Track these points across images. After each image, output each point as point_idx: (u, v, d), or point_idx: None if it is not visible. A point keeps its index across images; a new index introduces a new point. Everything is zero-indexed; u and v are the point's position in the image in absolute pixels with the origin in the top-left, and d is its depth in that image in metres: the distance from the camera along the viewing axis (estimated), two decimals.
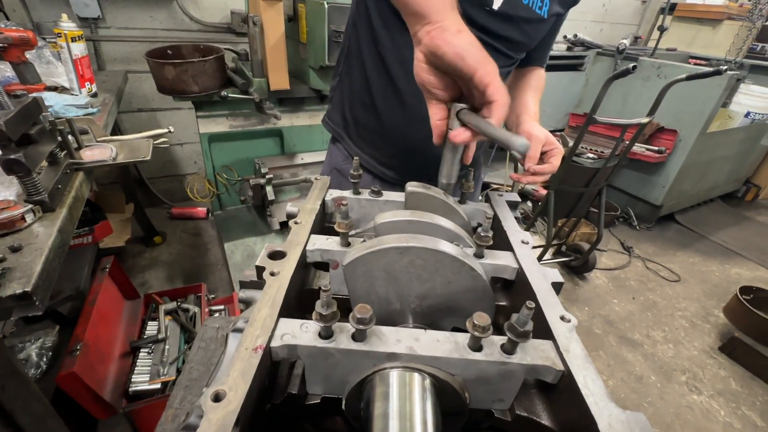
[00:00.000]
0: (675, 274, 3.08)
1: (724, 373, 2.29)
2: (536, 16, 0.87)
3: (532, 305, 0.39)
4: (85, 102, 1.64)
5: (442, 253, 0.52)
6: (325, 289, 0.39)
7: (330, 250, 0.58)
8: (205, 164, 2.45)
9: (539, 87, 1.07)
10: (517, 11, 0.83)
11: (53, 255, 0.84)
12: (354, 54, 0.98)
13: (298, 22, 2.20)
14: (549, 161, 0.86)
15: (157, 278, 2.58)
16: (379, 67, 0.93)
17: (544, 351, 0.43)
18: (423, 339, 0.43)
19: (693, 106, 3.09)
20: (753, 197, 4.36)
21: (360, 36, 0.95)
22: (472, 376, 0.43)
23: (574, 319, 0.47)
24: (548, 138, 0.87)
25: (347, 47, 1.00)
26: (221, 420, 0.32)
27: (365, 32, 0.93)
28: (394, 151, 1.03)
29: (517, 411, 0.45)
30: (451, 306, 0.57)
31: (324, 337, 0.42)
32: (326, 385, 0.45)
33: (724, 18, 4.09)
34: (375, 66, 0.94)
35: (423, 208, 0.67)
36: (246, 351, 0.39)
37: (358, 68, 0.98)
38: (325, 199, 0.72)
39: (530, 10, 0.85)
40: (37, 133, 0.95)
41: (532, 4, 0.85)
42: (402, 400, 0.38)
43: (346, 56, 1.01)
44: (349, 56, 1.00)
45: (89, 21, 2.44)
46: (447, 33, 0.58)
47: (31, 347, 1.50)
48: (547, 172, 0.85)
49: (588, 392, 0.38)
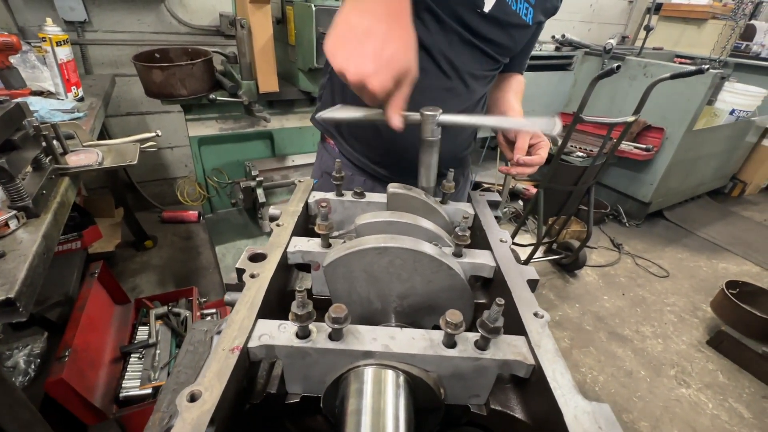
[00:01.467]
0: (664, 270, 3.13)
1: (711, 366, 2.33)
2: (522, 22, 0.90)
3: (502, 302, 0.40)
4: (71, 106, 1.63)
5: (421, 253, 0.53)
6: (300, 290, 0.40)
7: (311, 252, 0.59)
8: (195, 167, 2.45)
9: (520, 90, 1.12)
10: (506, 16, 0.86)
11: (37, 261, 0.84)
12: None
13: (286, 25, 2.20)
14: (537, 153, 0.88)
15: (149, 282, 2.57)
16: None
17: (516, 346, 0.44)
18: (399, 337, 0.44)
19: (679, 105, 3.14)
20: (739, 193, 4.43)
21: None
22: (447, 372, 0.44)
23: (547, 315, 0.48)
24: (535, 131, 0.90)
25: None
26: (195, 420, 0.33)
27: None
28: (387, 149, 1.04)
29: (493, 405, 0.46)
30: (432, 304, 0.58)
31: (301, 337, 0.43)
32: (305, 384, 0.46)
33: (709, 17, 4.16)
34: None
35: (404, 209, 0.68)
36: (223, 352, 0.40)
37: None
38: (308, 201, 0.72)
39: (518, 16, 0.88)
40: (20, 139, 0.95)
41: (519, 11, 0.88)
42: (375, 397, 0.39)
43: None
44: None
45: (75, 24, 2.42)
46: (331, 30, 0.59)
47: (19, 354, 1.48)
48: (536, 163, 0.87)
49: (556, 385, 0.39)
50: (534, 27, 0.95)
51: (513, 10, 0.87)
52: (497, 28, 0.88)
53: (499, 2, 0.84)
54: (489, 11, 0.84)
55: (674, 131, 3.22)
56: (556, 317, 2.59)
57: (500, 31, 0.89)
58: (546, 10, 0.94)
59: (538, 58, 3.46)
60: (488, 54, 0.93)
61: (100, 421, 1.44)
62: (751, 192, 4.49)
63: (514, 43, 0.94)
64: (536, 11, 0.90)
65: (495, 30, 0.88)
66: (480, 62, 0.94)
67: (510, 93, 1.08)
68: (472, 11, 0.83)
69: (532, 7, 0.88)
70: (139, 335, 1.79)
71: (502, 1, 0.84)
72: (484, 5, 0.83)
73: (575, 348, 2.37)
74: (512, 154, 0.87)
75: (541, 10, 0.93)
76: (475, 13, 0.83)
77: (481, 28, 0.86)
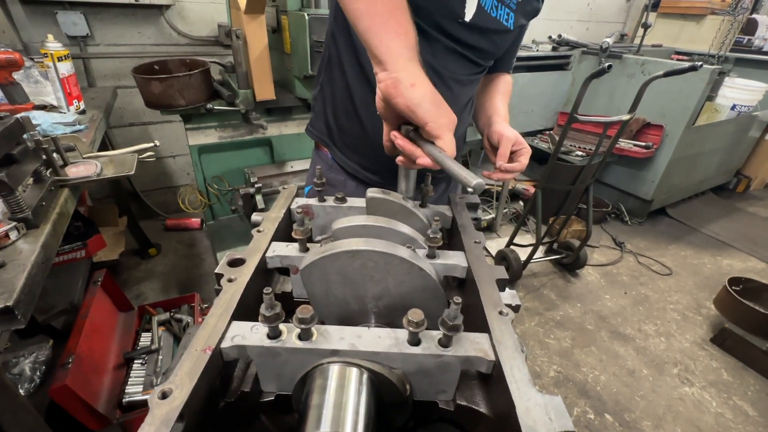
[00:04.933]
0: (667, 268, 3.10)
1: (715, 364, 2.31)
2: (503, 28, 0.91)
3: (459, 300, 0.42)
4: (72, 119, 1.68)
5: (392, 255, 0.55)
6: (267, 292, 0.42)
7: (289, 256, 0.61)
8: (196, 175, 2.49)
9: (507, 91, 1.13)
10: (487, 24, 0.88)
11: (36, 270, 0.87)
12: (335, 63, 1.02)
13: (282, 34, 2.24)
14: (518, 160, 0.90)
15: (153, 290, 2.61)
16: (359, 75, 0.97)
17: (479, 343, 0.46)
18: (365, 336, 0.46)
19: (678, 101, 3.13)
20: (744, 188, 4.38)
21: (339, 46, 0.98)
22: (412, 369, 0.46)
23: (512, 313, 0.50)
24: (518, 138, 0.92)
25: (327, 57, 1.04)
26: (165, 415, 0.35)
27: (344, 42, 0.96)
28: (377, 157, 1.06)
29: (459, 401, 0.48)
30: (406, 305, 0.59)
31: (272, 337, 0.45)
32: (278, 382, 0.48)
33: (707, 13, 4.14)
34: (355, 74, 0.97)
35: (383, 213, 0.70)
36: (196, 352, 0.42)
37: (340, 77, 1.01)
38: (290, 207, 0.75)
39: (498, 23, 0.90)
40: (20, 153, 0.99)
41: (500, 17, 0.90)
42: (338, 392, 0.41)
43: (327, 66, 1.05)
44: (330, 66, 1.04)
45: (78, 39, 2.49)
46: (401, 86, 0.61)
47: (25, 362, 1.52)
48: (516, 170, 0.89)
49: (512, 379, 0.41)
50: (516, 31, 0.97)
51: (493, 18, 0.88)
52: (479, 36, 0.90)
53: (480, 11, 0.86)
54: (470, 20, 0.86)
55: (674, 128, 3.20)
56: (558, 317, 2.59)
57: (482, 38, 0.91)
58: (527, 13, 0.96)
59: (536, 59, 3.47)
60: (472, 60, 0.95)
61: (104, 426, 1.47)
62: (757, 187, 4.44)
63: (496, 47, 0.96)
64: (517, 16, 0.92)
65: (477, 37, 0.90)
66: (464, 68, 0.96)
67: (497, 96, 1.09)
68: (453, 21, 0.85)
69: (513, 12, 0.90)
70: (142, 341, 1.83)
71: (482, 10, 0.86)
72: (465, 15, 0.85)
73: (577, 348, 2.37)
74: (495, 158, 0.90)
75: (523, 14, 0.94)
76: (457, 22, 0.85)
77: (463, 37, 0.88)
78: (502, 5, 0.89)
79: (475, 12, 0.85)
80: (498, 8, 0.88)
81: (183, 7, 2.73)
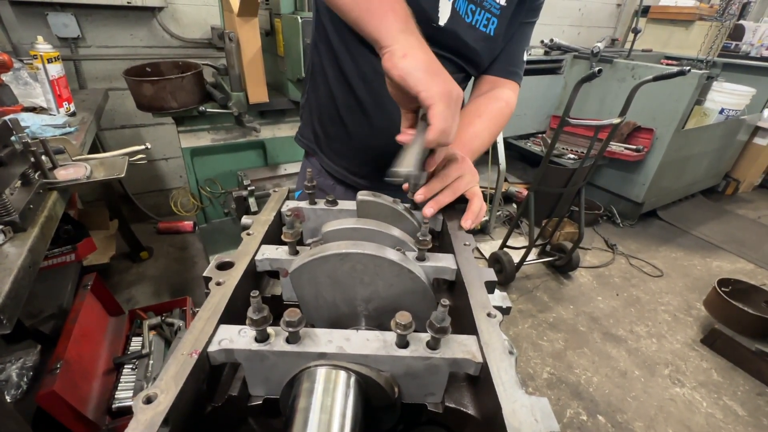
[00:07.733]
0: (658, 270, 3.14)
1: (706, 364, 2.34)
2: (482, 35, 0.88)
3: (447, 303, 0.42)
4: (62, 122, 1.66)
5: (381, 258, 0.55)
6: (254, 295, 0.42)
7: (278, 259, 0.61)
8: (188, 178, 2.47)
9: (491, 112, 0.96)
10: (462, 29, 0.86)
11: (23, 274, 0.86)
12: (318, 72, 1.02)
13: (275, 36, 2.24)
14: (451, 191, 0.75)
15: (144, 293, 2.59)
16: (341, 82, 0.97)
17: (467, 345, 0.46)
18: (354, 339, 0.46)
19: (667, 105, 3.18)
20: (733, 191, 4.45)
21: (322, 55, 0.99)
22: (400, 371, 0.46)
23: (500, 315, 0.50)
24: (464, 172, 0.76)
25: (311, 66, 1.05)
26: (149, 420, 0.35)
27: (326, 51, 0.97)
28: (363, 161, 1.07)
29: (448, 403, 0.48)
30: (396, 307, 0.59)
31: (260, 340, 0.45)
32: (267, 386, 0.48)
33: (696, 19, 4.21)
34: (338, 81, 0.98)
35: (373, 216, 0.70)
36: (182, 356, 0.42)
37: (323, 85, 1.02)
38: (281, 210, 0.75)
39: (473, 28, 0.87)
40: (8, 155, 0.98)
41: (477, 23, 0.87)
42: (325, 395, 0.41)
43: (311, 74, 1.05)
44: (314, 74, 1.04)
45: (69, 41, 2.47)
46: (395, 57, 0.61)
47: (12, 368, 1.50)
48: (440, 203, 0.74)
49: (499, 381, 0.41)
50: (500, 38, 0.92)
51: (468, 23, 0.85)
52: (454, 40, 0.87)
53: (454, 16, 0.83)
54: (444, 25, 0.83)
55: (664, 131, 3.25)
56: (550, 319, 2.60)
57: (459, 42, 0.88)
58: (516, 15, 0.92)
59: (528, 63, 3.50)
60: (452, 61, 0.92)
61: None
62: (745, 190, 4.51)
63: (478, 55, 0.92)
64: (500, 22, 0.88)
65: (452, 42, 0.87)
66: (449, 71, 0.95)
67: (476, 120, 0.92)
68: (427, 25, 0.82)
69: (496, 17, 0.87)
70: (132, 346, 1.81)
71: (457, 14, 0.83)
72: (439, 19, 0.83)
73: (569, 349, 2.38)
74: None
75: (510, 19, 0.90)
76: (431, 26, 0.82)
77: (441, 41, 0.85)
78: (482, 9, 0.85)
79: (450, 16, 0.83)
80: (475, 13, 0.85)
81: (176, 10, 2.72)
